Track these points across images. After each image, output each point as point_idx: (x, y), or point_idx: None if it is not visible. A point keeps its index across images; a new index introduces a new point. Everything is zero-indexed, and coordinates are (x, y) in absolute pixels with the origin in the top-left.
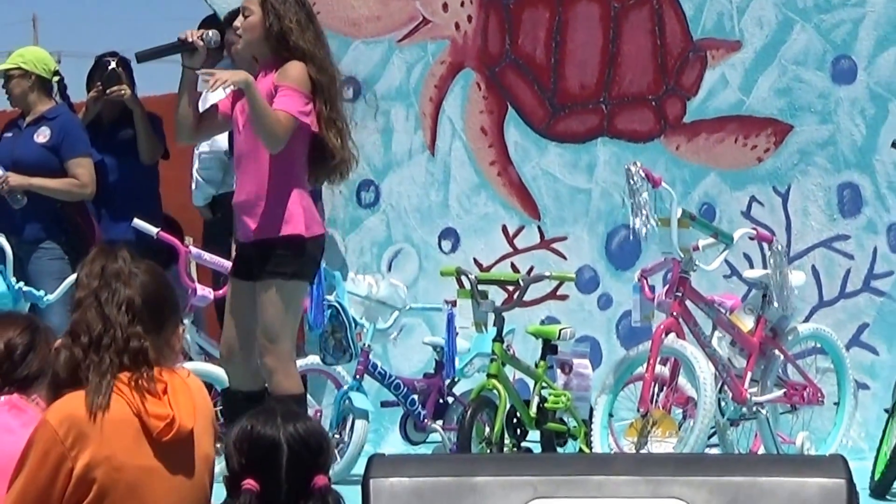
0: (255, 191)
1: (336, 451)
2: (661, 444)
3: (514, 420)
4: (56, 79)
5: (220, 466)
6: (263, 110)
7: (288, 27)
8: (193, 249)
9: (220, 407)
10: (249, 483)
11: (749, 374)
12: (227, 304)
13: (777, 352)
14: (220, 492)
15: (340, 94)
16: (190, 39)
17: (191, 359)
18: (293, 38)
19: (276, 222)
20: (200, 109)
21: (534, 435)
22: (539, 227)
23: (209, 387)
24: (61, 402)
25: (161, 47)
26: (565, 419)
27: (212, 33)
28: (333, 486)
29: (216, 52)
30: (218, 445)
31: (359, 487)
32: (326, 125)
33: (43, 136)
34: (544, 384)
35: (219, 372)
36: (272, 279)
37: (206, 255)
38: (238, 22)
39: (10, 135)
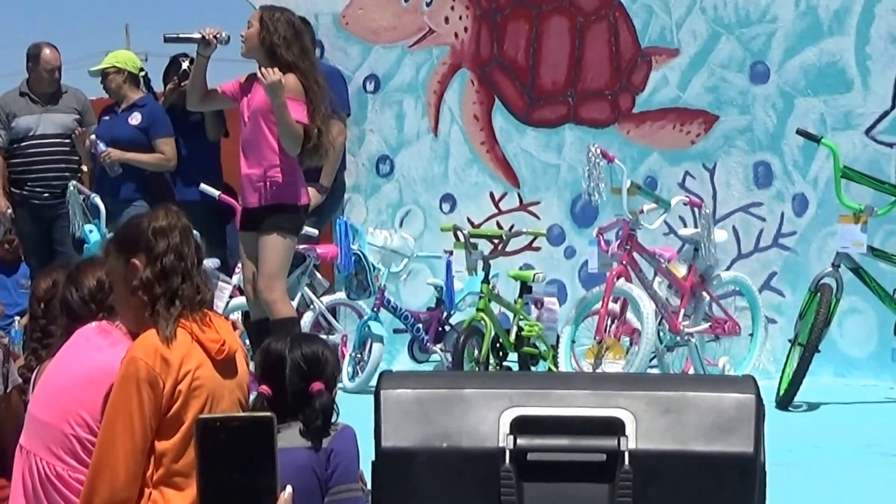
0: (260, 170)
1: (356, 367)
2: (613, 364)
3: (498, 345)
4: (142, 74)
5: None
6: (289, 124)
7: (277, 42)
8: None
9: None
10: (263, 388)
11: (682, 311)
12: (242, 255)
13: (704, 293)
14: None
15: (322, 97)
16: (208, 37)
17: (242, 294)
18: (280, 51)
19: (278, 193)
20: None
21: (512, 357)
22: (518, 194)
23: None
24: (140, 341)
25: (185, 36)
26: (537, 344)
27: (225, 34)
28: (333, 396)
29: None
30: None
31: (374, 397)
32: (311, 118)
33: (135, 119)
34: (521, 317)
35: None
36: (276, 232)
37: None
38: (242, 31)
39: (107, 118)
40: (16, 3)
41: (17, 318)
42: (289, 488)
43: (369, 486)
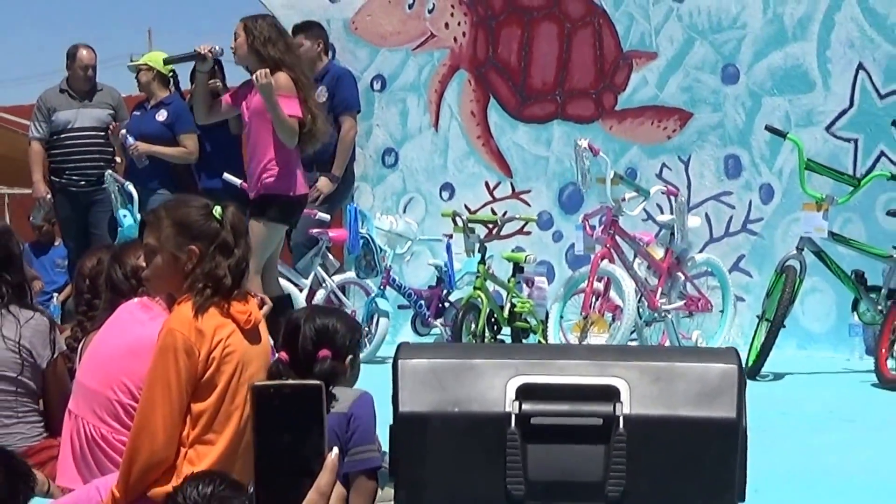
0: (260, 163)
1: (365, 339)
2: (597, 338)
3: (492, 320)
4: (171, 74)
5: None
6: (283, 120)
7: (260, 42)
8: None
9: None
10: (282, 354)
11: (660, 289)
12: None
13: (680, 274)
14: None
15: (311, 87)
16: (202, 52)
17: None
18: (265, 50)
19: (273, 185)
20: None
21: (506, 331)
22: (511, 183)
23: None
24: (177, 314)
25: (183, 56)
26: (529, 319)
27: (218, 47)
28: (336, 363)
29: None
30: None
31: (381, 366)
32: (304, 108)
33: (162, 116)
34: (514, 294)
35: (284, 284)
36: (261, 219)
37: None
38: (231, 44)
39: (137, 113)
40: (54, 10)
41: (55, 294)
42: (335, 450)
43: (384, 448)
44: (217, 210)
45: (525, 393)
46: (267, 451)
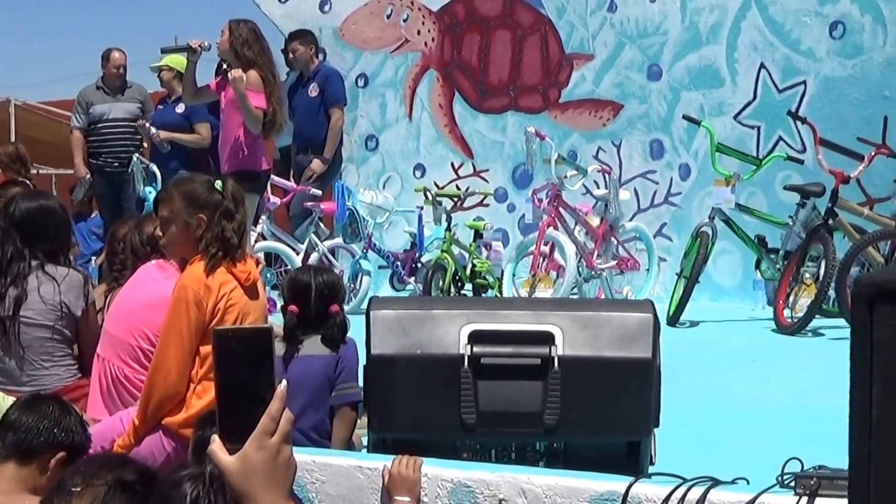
0: (232, 143)
1: (350, 294)
2: (544, 292)
3: (457, 277)
4: None
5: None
6: (249, 109)
7: (239, 43)
8: None
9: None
10: (292, 308)
11: (596, 252)
12: None
13: (613, 238)
14: None
15: (277, 84)
16: (193, 46)
17: (265, 238)
18: (242, 51)
19: (242, 162)
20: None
21: (468, 287)
22: (472, 164)
23: (276, 257)
24: (188, 272)
25: (178, 47)
26: (487, 277)
27: (207, 42)
28: (346, 315)
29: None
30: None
31: (364, 317)
32: (269, 101)
33: (180, 108)
34: (474, 256)
35: (283, 248)
36: None
37: (276, 178)
38: (217, 40)
39: (161, 107)
40: (92, 19)
41: (93, 257)
42: (284, 382)
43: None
44: (218, 183)
45: (476, 338)
46: (227, 383)
